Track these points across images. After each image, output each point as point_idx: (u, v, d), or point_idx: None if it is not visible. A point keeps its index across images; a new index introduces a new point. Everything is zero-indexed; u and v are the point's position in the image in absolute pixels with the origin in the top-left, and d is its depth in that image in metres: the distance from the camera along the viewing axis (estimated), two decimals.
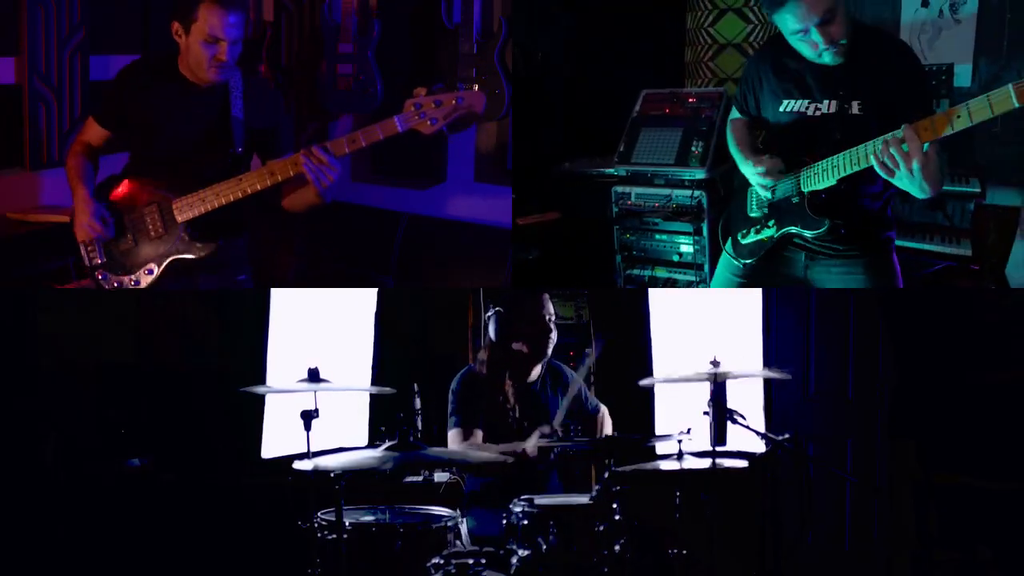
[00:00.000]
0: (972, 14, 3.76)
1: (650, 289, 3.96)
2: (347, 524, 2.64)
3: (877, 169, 2.47)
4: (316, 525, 2.70)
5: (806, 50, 2.68)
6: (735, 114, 3.11)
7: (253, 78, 3.36)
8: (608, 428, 3.40)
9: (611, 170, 4.21)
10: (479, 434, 3.19)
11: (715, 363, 2.73)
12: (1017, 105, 2.25)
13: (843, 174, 2.63)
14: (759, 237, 2.96)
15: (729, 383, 2.75)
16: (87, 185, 3.25)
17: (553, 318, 3.30)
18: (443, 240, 4.50)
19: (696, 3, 4.63)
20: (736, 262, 3.08)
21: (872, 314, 3.95)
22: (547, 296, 3.32)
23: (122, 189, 3.24)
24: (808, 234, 2.81)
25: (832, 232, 2.76)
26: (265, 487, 3.51)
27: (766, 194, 2.87)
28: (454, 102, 2.98)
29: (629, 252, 4.29)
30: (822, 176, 2.69)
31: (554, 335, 3.28)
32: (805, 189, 2.77)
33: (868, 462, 3.97)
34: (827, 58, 2.67)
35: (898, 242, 3.07)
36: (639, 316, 3.86)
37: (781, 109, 2.82)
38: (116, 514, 3.50)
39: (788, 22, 2.61)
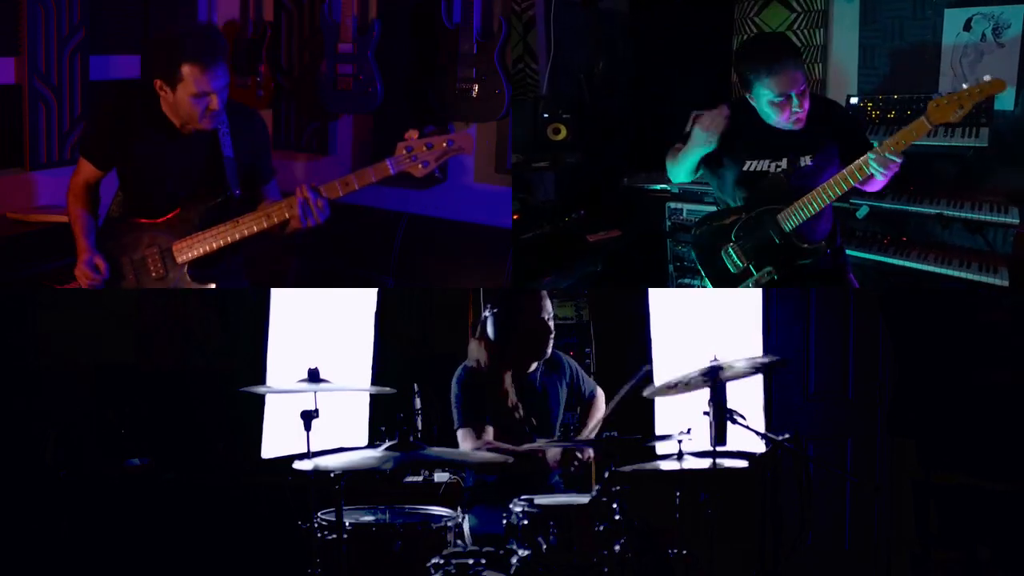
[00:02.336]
0: (1016, 37, 3.62)
1: (650, 289, 3.97)
2: (347, 524, 2.64)
3: (876, 168, 2.92)
4: (316, 525, 2.70)
5: (775, 115, 3.07)
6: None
7: (235, 108, 3.27)
8: (601, 412, 3.38)
9: (665, 186, 4.54)
10: (490, 431, 3.17)
11: (715, 362, 2.74)
12: (930, 126, 2.76)
13: (816, 210, 3.07)
14: (746, 282, 3.30)
15: (729, 383, 2.76)
16: (86, 235, 3.24)
17: (551, 316, 3.30)
18: (443, 240, 4.49)
19: (741, 28, 4.92)
20: None
21: (872, 314, 3.95)
22: (545, 294, 3.31)
23: (123, 229, 3.25)
24: (799, 263, 3.19)
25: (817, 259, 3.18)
26: (265, 487, 3.51)
27: (712, 145, 3.20)
28: (445, 144, 3.01)
29: (681, 263, 4.56)
30: (797, 215, 3.11)
31: (553, 334, 3.27)
32: (787, 229, 3.14)
33: (868, 462, 3.97)
34: (788, 125, 3.09)
35: (938, 269, 3.60)
36: (639, 316, 3.86)
37: (744, 168, 3.21)
38: (117, 514, 3.50)
39: (776, 86, 3.00)
